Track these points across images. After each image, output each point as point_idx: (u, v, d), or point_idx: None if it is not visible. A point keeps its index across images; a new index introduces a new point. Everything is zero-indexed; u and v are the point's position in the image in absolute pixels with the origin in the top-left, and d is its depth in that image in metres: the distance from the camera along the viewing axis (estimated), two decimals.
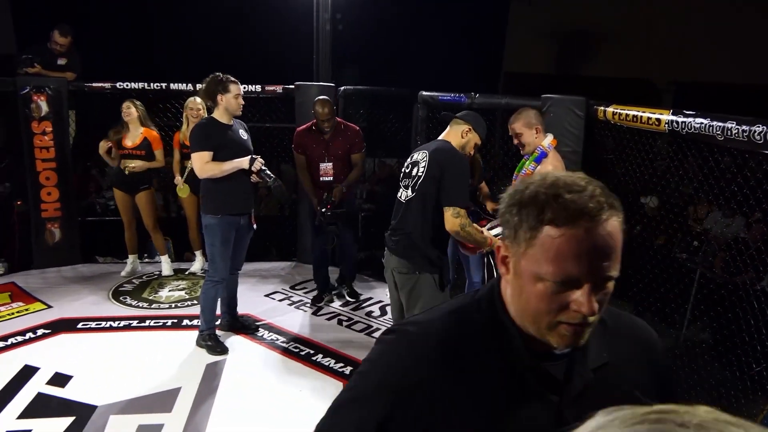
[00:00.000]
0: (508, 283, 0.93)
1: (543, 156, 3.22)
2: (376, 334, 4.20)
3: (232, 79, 3.65)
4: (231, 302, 4.10)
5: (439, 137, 2.99)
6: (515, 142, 3.31)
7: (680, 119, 2.88)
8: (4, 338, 3.84)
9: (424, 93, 4.85)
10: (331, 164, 4.41)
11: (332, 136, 4.38)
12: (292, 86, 5.30)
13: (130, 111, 4.82)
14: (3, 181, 5.35)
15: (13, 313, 4.31)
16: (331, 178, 4.42)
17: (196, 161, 3.61)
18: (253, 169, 3.67)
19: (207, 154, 3.56)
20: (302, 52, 5.67)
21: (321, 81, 5.40)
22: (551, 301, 0.86)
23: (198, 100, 4.73)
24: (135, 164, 4.81)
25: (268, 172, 3.74)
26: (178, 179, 4.96)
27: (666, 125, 2.97)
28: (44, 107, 4.95)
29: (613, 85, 7.47)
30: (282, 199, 5.98)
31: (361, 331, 4.26)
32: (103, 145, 4.88)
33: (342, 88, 5.34)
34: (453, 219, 2.72)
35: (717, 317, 3.43)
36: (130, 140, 4.86)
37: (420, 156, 2.87)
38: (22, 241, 5.15)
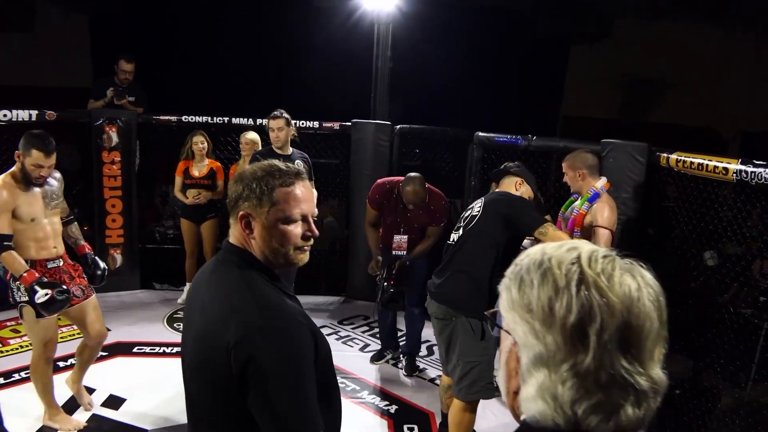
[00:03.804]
0: (254, 240, 1.36)
1: (596, 197, 3.19)
2: (423, 374, 4.13)
3: (273, 113, 4.21)
4: None
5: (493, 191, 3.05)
6: (564, 179, 3.34)
7: (750, 169, 2.77)
8: (65, 358, 3.98)
9: (480, 134, 4.85)
10: (406, 237, 3.97)
11: (415, 208, 3.92)
12: (349, 123, 5.41)
13: (205, 144, 5.06)
14: (73, 207, 5.62)
15: (74, 335, 4.47)
16: (404, 253, 3.97)
17: None
18: None
19: None
20: (362, 89, 5.79)
21: (377, 119, 5.50)
22: (296, 233, 1.36)
23: (249, 135, 4.93)
24: (202, 194, 5.01)
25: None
26: None
27: (734, 174, 2.86)
28: (115, 138, 5.23)
29: (676, 132, 7.28)
30: (333, 234, 6.06)
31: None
32: (178, 182, 5.10)
33: (398, 126, 5.40)
34: (542, 238, 2.68)
35: None
36: (197, 170, 5.07)
37: (475, 203, 2.92)
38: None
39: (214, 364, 1.26)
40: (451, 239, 2.93)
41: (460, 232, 2.86)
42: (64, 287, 3.02)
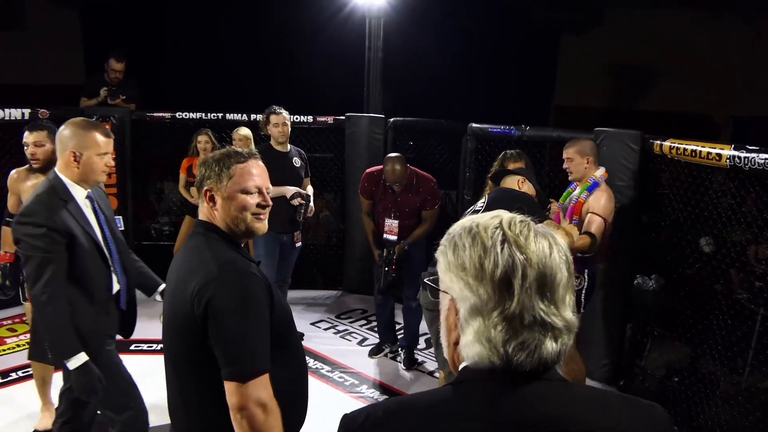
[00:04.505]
0: (217, 211, 1.63)
1: (595, 186, 3.22)
2: (422, 368, 4.14)
3: (273, 109, 4.15)
4: None
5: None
6: (564, 166, 3.34)
7: (743, 154, 2.78)
8: None
9: (474, 125, 4.85)
10: (397, 222, 4.00)
11: (403, 191, 3.98)
12: (343, 117, 5.40)
13: (209, 144, 4.97)
14: None
15: None
16: (396, 237, 3.99)
17: None
18: (292, 203, 4.02)
19: None
20: (355, 82, 5.78)
21: (371, 112, 5.49)
22: (252, 202, 1.63)
23: (242, 131, 4.83)
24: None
25: (303, 210, 4.05)
26: None
27: (727, 160, 2.87)
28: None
29: (667, 119, 7.30)
30: (329, 228, 6.06)
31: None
32: (182, 179, 5.07)
33: (392, 119, 5.40)
34: None
35: None
36: None
37: (479, 201, 2.93)
38: None
39: (183, 314, 1.51)
40: None
41: None
42: (1, 281, 3.19)
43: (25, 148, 3.07)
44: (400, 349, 4.27)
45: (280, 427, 1.48)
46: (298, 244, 4.35)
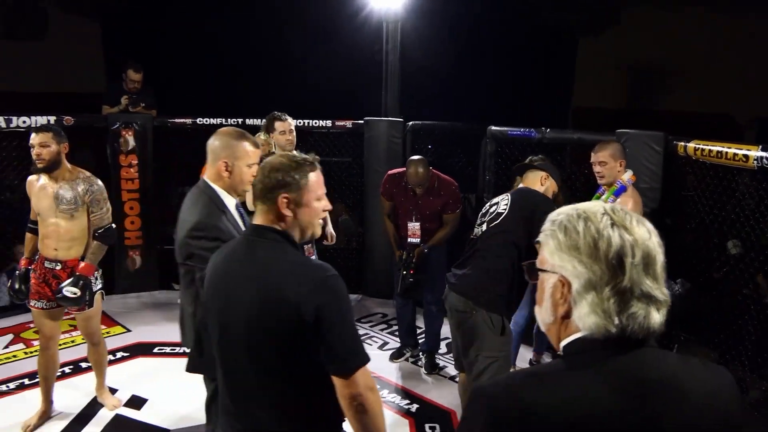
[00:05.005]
0: (293, 218, 1.64)
1: (622, 190, 3.14)
2: (443, 372, 4.13)
3: (278, 115, 3.88)
4: None
5: (518, 186, 2.99)
6: (596, 170, 3.23)
7: None
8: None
9: (494, 128, 4.83)
10: (419, 225, 3.98)
11: (424, 194, 3.96)
12: (361, 121, 5.41)
13: None
14: None
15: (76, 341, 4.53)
16: (418, 240, 3.98)
17: (249, 195, 3.74)
18: None
19: None
20: (373, 86, 5.79)
21: (389, 116, 5.50)
22: (321, 207, 1.71)
23: (263, 137, 4.87)
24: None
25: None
26: None
27: (755, 161, 2.83)
28: (131, 142, 5.28)
29: (688, 120, 7.20)
30: (348, 232, 6.07)
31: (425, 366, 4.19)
32: None
33: (410, 123, 5.40)
34: None
35: None
36: None
37: (501, 198, 2.88)
38: (106, 267, 5.41)
39: (278, 319, 1.53)
40: (474, 233, 2.90)
41: (484, 227, 2.83)
42: (18, 286, 3.25)
43: (31, 149, 3.12)
44: (421, 353, 4.25)
45: (381, 403, 1.65)
46: (313, 257, 4.30)
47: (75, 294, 3.10)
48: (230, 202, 2.36)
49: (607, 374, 0.93)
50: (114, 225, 3.36)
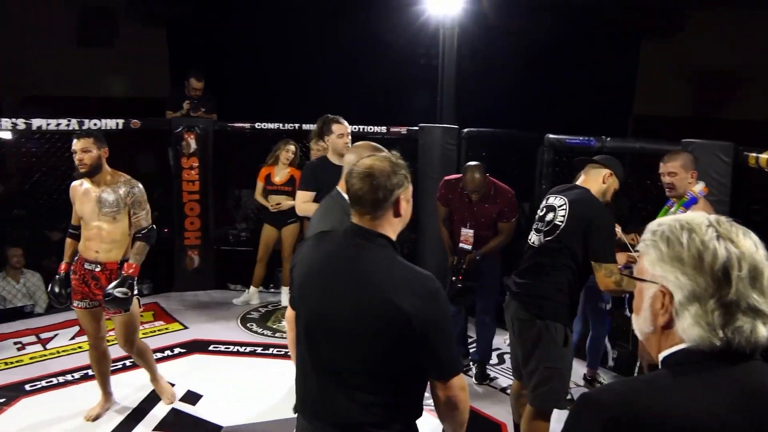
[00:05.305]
0: (399, 219, 1.67)
1: (693, 202, 2.99)
2: (494, 384, 4.08)
3: (335, 118, 3.67)
4: None
5: (577, 182, 2.88)
6: (666, 181, 3.08)
7: None
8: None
9: (551, 136, 4.73)
10: (472, 232, 3.95)
11: (480, 201, 3.92)
12: (416, 128, 5.42)
13: (295, 154, 5.19)
14: (154, 210, 5.91)
15: (155, 331, 4.71)
16: (470, 247, 3.94)
17: (297, 199, 3.81)
18: None
19: (307, 194, 3.63)
20: (428, 93, 5.80)
21: (444, 122, 5.48)
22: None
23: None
24: (283, 202, 5.08)
25: None
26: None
27: None
28: (193, 145, 5.47)
29: (756, 129, 6.87)
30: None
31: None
32: (260, 187, 5.24)
33: (465, 130, 5.36)
34: (606, 279, 2.59)
35: None
36: (279, 176, 5.19)
37: (557, 201, 2.77)
38: (165, 265, 5.62)
39: (388, 324, 1.53)
40: (532, 240, 2.84)
41: (542, 237, 2.77)
42: (58, 290, 3.29)
43: (74, 155, 3.17)
44: (471, 363, 4.21)
45: (469, 400, 1.75)
46: None
47: (125, 294, 3.13)
48: None
49: (718, 385, 0.92)
50: (155, 226, 3.38)
